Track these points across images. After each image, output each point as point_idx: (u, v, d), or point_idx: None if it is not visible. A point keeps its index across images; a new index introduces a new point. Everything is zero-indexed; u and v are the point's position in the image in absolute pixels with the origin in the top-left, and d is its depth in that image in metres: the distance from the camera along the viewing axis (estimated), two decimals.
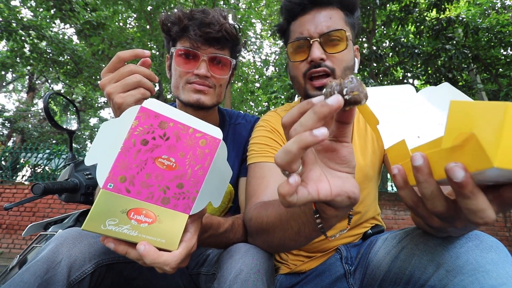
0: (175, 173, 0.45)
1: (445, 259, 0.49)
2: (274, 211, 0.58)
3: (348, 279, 0.74)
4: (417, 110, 0.46)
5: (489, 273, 0.43)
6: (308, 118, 0.33)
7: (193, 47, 0.81)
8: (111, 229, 0.41)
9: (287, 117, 0.37)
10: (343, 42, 0.77)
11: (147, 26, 7.34)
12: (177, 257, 0.44)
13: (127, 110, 0.44)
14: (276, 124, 0.87)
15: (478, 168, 0.26)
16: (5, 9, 6.97)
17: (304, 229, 0.51)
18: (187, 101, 0.83)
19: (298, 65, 0.80)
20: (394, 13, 6.26)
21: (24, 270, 0.51)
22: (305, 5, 0.78)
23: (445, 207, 0.34)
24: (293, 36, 0.81)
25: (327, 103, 0.32)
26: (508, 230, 4.90)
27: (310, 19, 0.78)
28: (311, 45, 0.76)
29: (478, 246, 0.48)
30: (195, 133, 0.46)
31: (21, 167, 5.75)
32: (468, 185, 0.28)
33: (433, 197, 0.33)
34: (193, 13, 0.80)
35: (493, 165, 0.24)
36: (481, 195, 0.29)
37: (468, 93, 6.49)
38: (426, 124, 0.43)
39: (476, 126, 0.27)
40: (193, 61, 0.82)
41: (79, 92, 13.61)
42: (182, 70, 0.82)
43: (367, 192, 0.84)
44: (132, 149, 0.43)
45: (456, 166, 0.28)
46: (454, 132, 0.29)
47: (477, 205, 0.29)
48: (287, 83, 6.42)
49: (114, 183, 0.42)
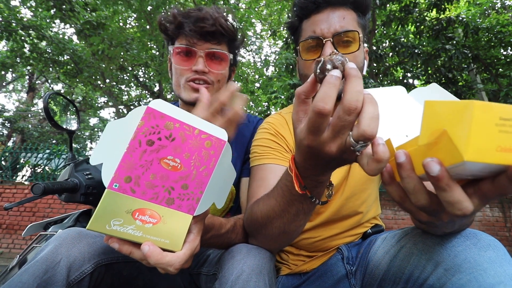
0: (180, 174, 0.45)
1: (443, 257, 0.49)
2: (266, 204, 0.59)
3: (350, 279, 0.74)
4: (406, 110, 0.48)
5: (486, 272, 0.44)
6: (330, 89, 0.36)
7: (189, 44, 0.81)
8: (116, 229, 0.41)
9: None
10: (356, 43, 0.77)
11: (147, 26, 7.34)
12: (181, 258, 0.44)
13: (133, 111, 0.44)
14: (280, 127, 0.86)
15: (451, 162, 0.28)
16: (5, 9, 6.97)
17: (302, 208, 0.53)
18: (187, 100, 0.83)
19: (309, 64, 0.80)
20: (394, 13, 6.26)
21: (23, 270, 0.51)
22: (319, 4, 0.78)
23: (427, 201, 0.35)
24: (305, 34, 0.81)
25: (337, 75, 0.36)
26: (508, 230, 4.90)
27: (324, 18, 0.77)
28: (324, 44, 0.76)
29: (476, 244, 0.48)
30: (200, 134, 0.47)
31: (21, 167, 5.74)
32: (443, 178, 0.30)
33: (416, 191, 0.35)
34: (188, 11, 0.82)
35: (464, 159, 0.26)
36: (457, 188, 0.31)
37: (468, 93, 6.50)
38: (414, 123, 0.45)
39: (447, 124, 0.29)
40: (190, 58, 0.83)
41: (79, 92, 13.61)
42: (181, 67, 0.83)
43: (368, 193, 0.84)
44: (137, 149, 0.43)
45: (432, 161, 0.30)
46: (429, 129, 0.32)
47: (453, 197, 0.31)
48: (287, 83, 6.41)
49: (120, 183, 0.42)
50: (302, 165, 0.46)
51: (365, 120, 0.34)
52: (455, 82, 6.48)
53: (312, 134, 0.39)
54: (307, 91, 0.41)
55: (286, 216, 0.55)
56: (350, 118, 0.35)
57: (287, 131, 0.86)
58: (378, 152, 0.34)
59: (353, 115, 0.35)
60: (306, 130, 0.39)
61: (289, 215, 0.55)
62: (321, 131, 0.38)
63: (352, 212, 0.81)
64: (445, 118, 0.30)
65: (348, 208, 0.81)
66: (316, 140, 0.39)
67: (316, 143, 0.39)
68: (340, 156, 0.39)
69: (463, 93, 6.39)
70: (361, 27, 0.80)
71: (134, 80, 9.85)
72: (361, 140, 0.35)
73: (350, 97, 0.35)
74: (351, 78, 0.36)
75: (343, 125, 0.36)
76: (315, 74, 0.39)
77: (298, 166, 0.47)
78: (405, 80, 7.26)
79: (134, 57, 7.31)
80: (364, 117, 0.34)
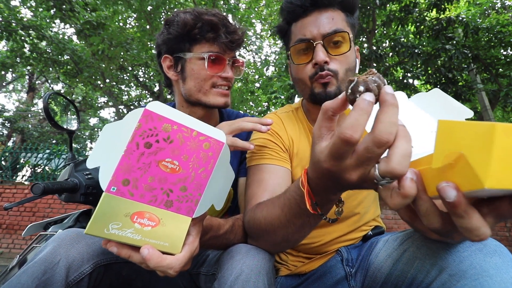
0: (178, 176, 0.45)
1: (448, 263, 0.48)
2: (270, 212, 0.58)
3: (349, 281, 0.73)
4: (408, 117, 0.46)
5: (492, 278, 0.43)
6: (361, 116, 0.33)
7: (220, 52, 0.86)
8: (114, 233, 0.41)
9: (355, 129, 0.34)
10: (346, 43, 0.76)
11: (147, 26, 7.33)
12: (180, 260, 0.44)
13: (131, 113, 0.44)
14: (276, 127, 0.86)
15: (470, 188, 0.26)
16: (5, 9, 6.97)
17: (308, 221, 0.52)
18: (216, 104, 0.87)
19: (302, 68, 0.79)
20: (394, 13, 6.25)
21: (21, 271, 0.51)
22: (306, 7, 0.78)
23: (440, 223, 0.33)
24: (294, 38, 0.80)
25: (370, 99, 0.33)
26: (508, 230, 4.90)
27: (312, 20, 0.77)
28: (315, 47, 0.75)
29: (482, 250, 0.47)
30: (198, 136, 0.46)
31: (21, 167, 5.74)
32: (460, 204, 0.28)
33: (428, 213, 0.33)
34: (222, 18, 0.85)
35: (485, 186, 0.24)
36: (475, 214, 0.29)
37: (468, 93, 6.49)
38: (419, 132, 0.43)
39: (464, 146, 0.27)
40: (219, 65, 0.86)
41: (79, 92, 13.60)
42: (209, 73, 0.85)
43: (366, 193, 0.84)
44: (135, 152, 0.42)
45: (448, 186, 0.28)
46: (443, 151, 0.30)
47: (471, 224, 0.29)
48: (287, 83, 6.41)
49: (117, 186, 0.42)
50: (316, 183, 0.44)
51: (397, 157, 0.31)
52: (455, 82, 6.47)
53: (334, 160, 0.36)
54: (336, 108, 0.38)
55: (291, 227, 0.55)
56: (379, 151, 0.32)
57: (283, 130, 0.86)
58: (405, 187, 0.31)
59: (383, 149, 0.32)
60: (328, 154, 0.36)
61: (294, 227, 0.54)
62: (345, 158, 0.35)
63: (348, 214, 0.81)
64: (462, 140, 0.27)
65: (344, 210, 0.80)
66: (337, 166, 0.36)
67: (336, 168, 0.37)
68: (360, 184, 0.37)
69: (463, 93, 6.38)
70: (350, 27, 0.79)
71: (134, 80, 9.84)
72: (388, 177, 0.32)
73: (383, 128, 0.31)
74: (387, 106, 0.32)
75: (370, 156, 0.33)
76: (346, 94, 0.36)
77: (311, 183, 0.45)
78: (405, 80, 7.24)
79: (134, 57, 7.30)
80: (396, 153, 0.31)
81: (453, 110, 0.47)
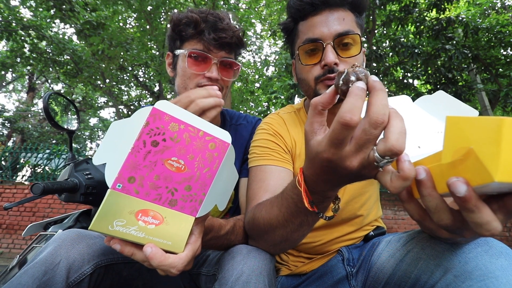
0: (183, 175, 0.45)
1: (453, 264, 0.48)
2: (268, 212, 0.58)
3: (350, 281, 0.73)
4: (415, 120, 0.46)
5: (498, 279, 0.42)
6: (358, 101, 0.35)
7: (205, 50, 0.82)
8: (118, 230, 0.41)
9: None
10: (357, 45, 0.74)
11: (147, 26, 7.34)
12: (183, 259, 0.44)
13: (138, 111, 0.44)
14: (279, 128, 0.85)
15: (480, 182, 0.27)
16: (5, 9, 6.97)
17: (306, 220, 0.52)
18: None
19: (309, 68, 0.76)
20: (394, 13, 6.25)
21: (22, 272, 0.51)
22: (316, 5, 0.74)
23: (451, 220, 0.34)
24: (302, 37, 0.77)
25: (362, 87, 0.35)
26: (508, 230, 4.90)
27: (322, 20, 0.74)
28: (324, 48, 0.72)
29: (488, 251, 0.47)
30: (205, 136, 0.47)
31: (21, 167, 5.74)
32: (471, 199, 0.28)
33: (438, 210, 0.33)
34: (206, 15, 0.81)
35: (494, 180, 0.25)
36: (486, 208, 0.29)
37: (468, 93, 6.50)
38: (426, 133, 0.43)
39: (473, 141, 0.28)
40: (203, 64, 0.83)
41: (79, 92, 13.60)
42: (193, 72, 0.82)
43: (368, 195, 0.84)
44: (142, 150, 0.43)
45: (458, 181, 0.28)
46: (453, 147, 0.30)
47: (482, 218, 0.30)
48: (287, 83, 6.41)
49: (123, 183, 0.42)
50: (313, 180, 0.44)
51: (393, 134, 0.33)
52: (455, 82, 6.47)
53: (334, 147, 0.37)
54: (325, 102, 0.39)
55: (290, 226, 0.55)
56: (376, 132, 0.34)
57: (286, 131, 0.85)
58: (404, 169, 0.33)
59: (379, 129, 0.34)
60: (328, 142, 0.37)
61: (293, 226, 0.54)
62: (344, 144, 0.36)
63: (352, 215, 0.81)
64: (471, 135, 0.28)
65: (348, 212, 0.80)
66: (337, 154, 0.37)
67: (337, 156, 0.37)
68: (359, 171, 0.37)
69: (463, 93, 6.38)
70: (359, 28, 0.77)
71: (134, 80, 9.85)
72: (388, 156, 0.33)
73: (377, 110, 0.33)
74: (377, 91, 0.34)
75: (368, 138, 0.34)
76: (336, 86, 0.37)
77: (308, 180, 0.45)
78: (405, 80, 7.25)
79: (134, 57, 7.31)
80: (392, 132, 0.33)
81: (458, 111, 0.47)
